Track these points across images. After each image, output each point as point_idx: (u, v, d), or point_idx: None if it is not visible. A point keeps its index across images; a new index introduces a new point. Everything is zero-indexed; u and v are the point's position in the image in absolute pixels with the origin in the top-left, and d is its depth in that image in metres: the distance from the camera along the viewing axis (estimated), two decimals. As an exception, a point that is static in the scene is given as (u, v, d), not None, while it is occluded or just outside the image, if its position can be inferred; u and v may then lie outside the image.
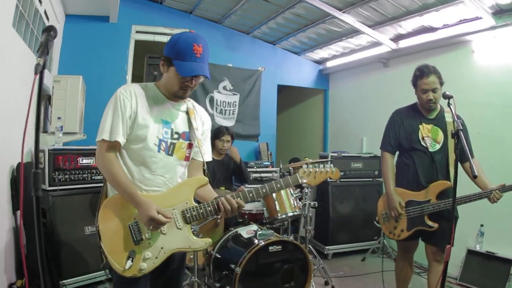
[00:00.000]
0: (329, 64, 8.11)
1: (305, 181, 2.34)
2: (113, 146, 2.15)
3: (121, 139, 2.14)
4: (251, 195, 2.23)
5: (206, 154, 2.48)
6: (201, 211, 2.21)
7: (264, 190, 2.27)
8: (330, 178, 2.43)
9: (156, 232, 2.15)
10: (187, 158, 2.39)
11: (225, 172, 5.27)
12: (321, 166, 2.38)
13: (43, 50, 1.53)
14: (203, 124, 2.48)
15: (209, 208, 2.21)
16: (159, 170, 2.24)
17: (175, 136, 2.30)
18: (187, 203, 2.22)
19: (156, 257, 2.14)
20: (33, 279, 1.73)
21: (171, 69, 2.18)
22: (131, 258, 2.08)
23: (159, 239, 2.15)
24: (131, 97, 2.17)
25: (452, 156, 3.50)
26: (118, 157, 2.21)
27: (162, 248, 2.15)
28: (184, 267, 2.61)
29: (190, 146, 2.38)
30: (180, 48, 2.11)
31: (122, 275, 2.09)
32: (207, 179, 2.31)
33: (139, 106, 2.18)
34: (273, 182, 2.28)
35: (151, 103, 2.23)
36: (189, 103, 2.42)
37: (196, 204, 2.23)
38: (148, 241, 2.13)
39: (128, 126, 2.16)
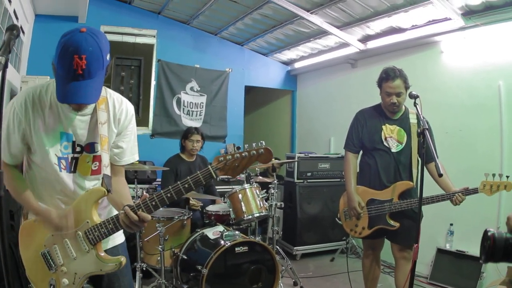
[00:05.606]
0: (297, 65, 8.13)
1: (219, 173, 1.90)
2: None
3: (8, 160, 1.97)
4: (153, 203, 1.89)
5: (126, 155, 2.21)
6: (103, 230, 1.95)
7: (169, 195, 1.89)
8: (260, 163, 1.93)
9: (67, 258, 1.98)
10: (95, 172, 2.11)
11: None
12: (246, 148, 1.89)
13: (5, 48, 1.48)
14: (119, 122, 2.13)
15: (110, 226, 1.95)
16: (65, 189, 2.05)
17: (78, 149, 2.03)
18: (88, 222, 1.97)
19: (73, 283, 1.98)
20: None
21: None
22: (52, 286, 1.98)
23: (72, 264, 1.98)
24: (25, 112, 1.91)
25: (415, 157, 3.55)
26: (25, 169, 2.08)
27: (76, 273, 1.98)
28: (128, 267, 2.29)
29: (96, 159, 2.08)
30: (59, 59, 1.76)
31: None
32: (103, 190, 1.99)
33: (34, 120, 1.92)
34: (179, 182, 1.90)
35: (49, 112, 1.95)
36: (103, 93, 2.06)
37: (98, 222, 1.97)
38: (61, 267, 1.99)
39: (19, 145, 1.95)
